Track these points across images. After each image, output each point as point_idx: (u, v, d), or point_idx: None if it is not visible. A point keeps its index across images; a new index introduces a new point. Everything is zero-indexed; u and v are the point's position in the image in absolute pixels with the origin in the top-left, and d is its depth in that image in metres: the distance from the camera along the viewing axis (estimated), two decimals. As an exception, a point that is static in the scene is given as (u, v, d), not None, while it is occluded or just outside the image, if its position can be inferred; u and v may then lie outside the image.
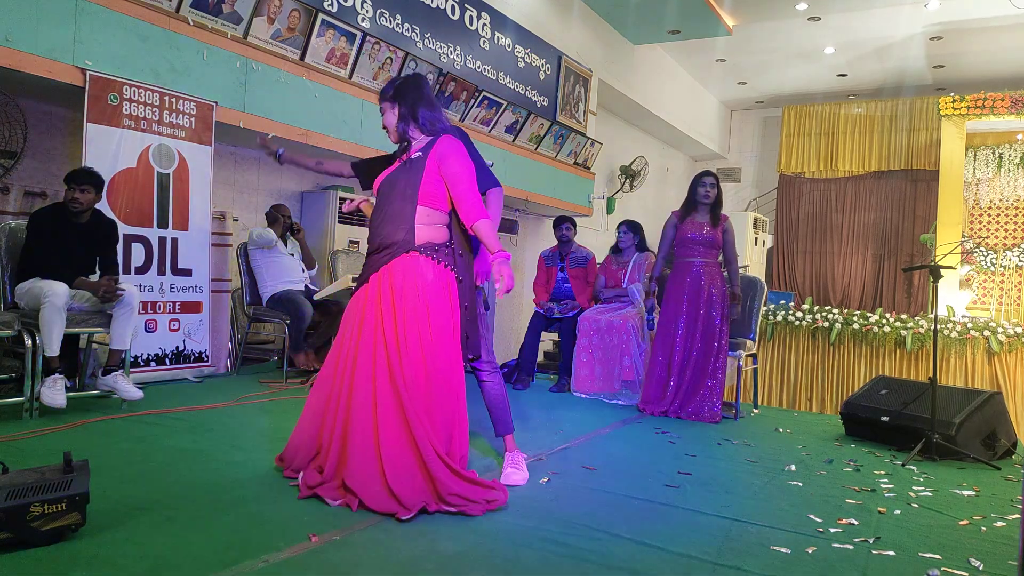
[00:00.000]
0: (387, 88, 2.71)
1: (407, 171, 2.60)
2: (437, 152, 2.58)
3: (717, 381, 4.42)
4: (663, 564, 2.08)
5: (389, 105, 2.68)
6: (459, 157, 2.58)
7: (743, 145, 13.91)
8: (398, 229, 2.55)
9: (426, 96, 2.66)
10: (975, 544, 2.40)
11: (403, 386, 2.43)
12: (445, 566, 1.99)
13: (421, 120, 2.64)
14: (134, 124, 4.25)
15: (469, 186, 2.57)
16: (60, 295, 3.30)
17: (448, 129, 2.69)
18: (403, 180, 2.59)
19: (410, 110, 2.63)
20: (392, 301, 2.50)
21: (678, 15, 8.76)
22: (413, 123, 2.65)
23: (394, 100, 2.67)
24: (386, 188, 2.63)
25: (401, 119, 2.66)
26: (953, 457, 3.61)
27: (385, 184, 2.65)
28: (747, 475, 3.15)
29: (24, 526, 1.89)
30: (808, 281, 12.24)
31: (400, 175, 2.61)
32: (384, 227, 2.59)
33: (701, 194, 4.51)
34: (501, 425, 2.87)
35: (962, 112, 9.65)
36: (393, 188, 2.60)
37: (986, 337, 6.76)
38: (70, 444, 2.84)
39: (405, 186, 2.57)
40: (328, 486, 2.42)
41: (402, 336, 2.47)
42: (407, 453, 2.40)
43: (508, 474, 2.76)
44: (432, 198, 2.57)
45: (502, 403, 2.86)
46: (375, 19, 5.67)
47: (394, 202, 2.58)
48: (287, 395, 4.25)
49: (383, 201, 2.63)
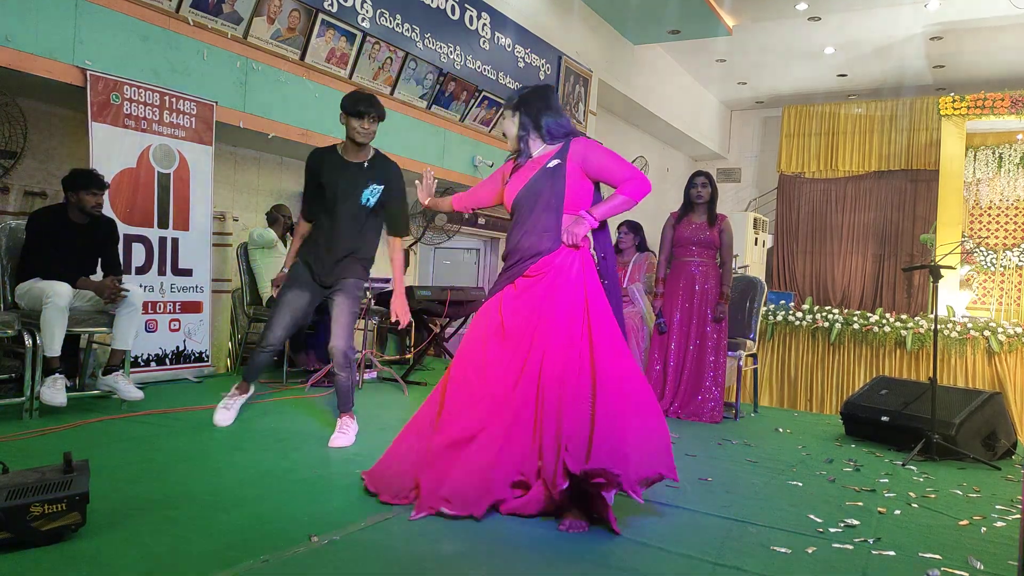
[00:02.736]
0: (511, 96, 2.65)
1: (549, 180, 2.52)
2: (576, 155, 2.53)
3: (717, 381, 4.42)
4: (663, 564, 2.08)
5: (511, 113, 2.62)
6: (599, 150, 2.56)
7: (743, 145, 13.91)
8: (543, 240, 2.50)
9: (552, 106, 2.61)
10: (975, 544, 2.40)
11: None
12: (446, 566, 1.99)
13: (546, 128, 2.57)
14: (134, 124, 4.25)
15: (620, 165, 2.53)
16: (62, 295, 3.30)
17: (576, 132, 2.63)
18: (546, 190, 2.52)
19: (533, 119, 2.57)
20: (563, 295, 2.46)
21: (678, 15, 8.76)
22: (535, 132, 2.59)
23: (516, 109, 2.61)
24: (527, 200, 2.55)
25: (521, 127, 2.60)
26: (953, 457, 3.61)
27: (525, 196, 2.56)
28: (747, 475, 3.15)
29: (24, 526, 1.89)
30: (808, 281, 12.24)
31: (542, 185, 2.53)
32: (526, 239, 2.53)
33: (693, 194, 4.52)
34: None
35: (962, 112, 9.65)
36: (537, 199, 2.52)
37: (986, 337, 6.76)
38: (70, 444, 2.84)
39: (549, 196, 2.51)
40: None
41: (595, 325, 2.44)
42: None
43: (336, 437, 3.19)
44: (576, 206, 2.52)
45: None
46: (375, 19, 5.66)
47: (536, 213, 2.52)
48: (287, 395, 4.25)
49: (523, 214, 2.55)
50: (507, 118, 2.64)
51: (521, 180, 2.59)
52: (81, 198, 3.53)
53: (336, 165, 3.28)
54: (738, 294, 4.88)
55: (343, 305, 3.28)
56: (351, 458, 3.01)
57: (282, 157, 6.03)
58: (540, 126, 2.58)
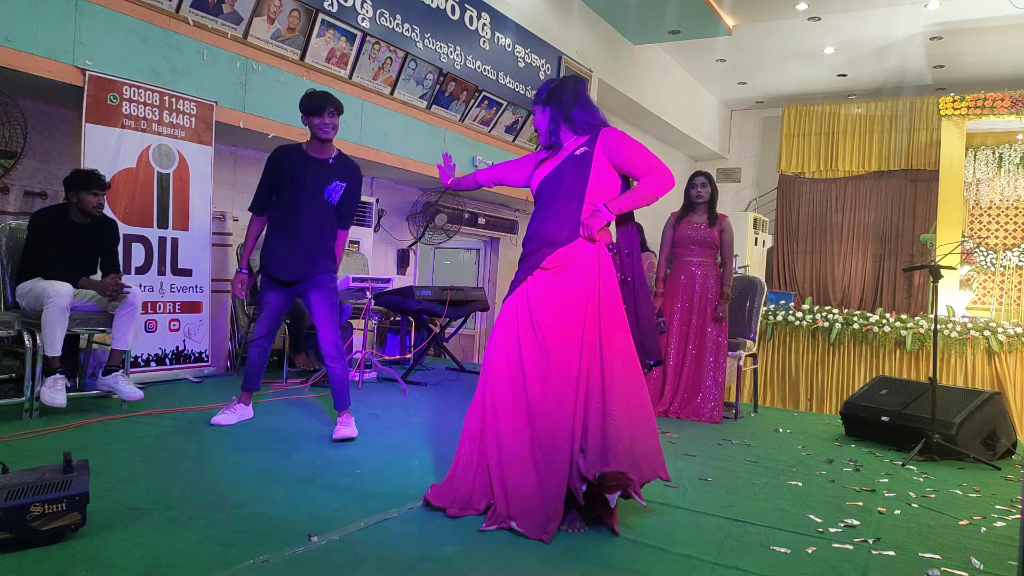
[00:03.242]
0: (541, 90, 2.60)
1: (574, 167, 2.48)
2: (604, 144, 2.49)
3: (717, 381, 4.42)
4: (663, 564, 2.08)
5: (541, 108, 2.58)
6: (628, 141, 2.52)
7: (743, 145, 13.91)
8: (562, 228, 2.44)
9: (582, 97, 2.57)
10: (975, 544, 2.40)
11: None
12: (445, 566, 1.99)
13: (576, 121, 2.54)
14: (134, 124, 4.25)
15: (645, 158, 2.50)
16: (64, 295, 3.30)
17: (606, 124, 2.60)
18: (570, 177, 2.47)
19: (563, 112, 2.54)
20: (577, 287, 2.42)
21: (678, 15, 8.76)
22: (566, 124, 2.55)
23: (547, 103, 2.57)
24: (550, 187, 2.51)
25: (553, 121, 2.56)
26: (953, 457, 3.61)
27: (549, 182, 2.52)
28: (747, 475, 3.15)
29: (24, 526, 1.89)
30: (808, 281, 12.23)
31: (566, 172, 2.49)
32: (546, 226, 2.47)
33: (693, 195, 4.54)
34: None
35: (962, 112, 9.64)
36: (560, 186, 2.48)
37: (986, 337, 6.76)
38: (70, 444, 2.84)
39: (573, 184, 2.46)
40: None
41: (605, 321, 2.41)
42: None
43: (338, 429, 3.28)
44: (600, 194, 2.47)
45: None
46: (375, 19, 5.67)
47: (559, 200, 2.47)
48: (287, 395, 4.25)
49: (546, 201, 2.51)
50: (539, 112, 2.60)
51: (549, 167, 2.57)
52: (82, 198, 3.53)
53: (301, 162, 3.36)
54: (738, 294, 4.88)
55: (321, 302, 3.37)
56: (351, 458, 3.01)
57: (282, 157, 6.02)
58: (571, 119, 2.54)
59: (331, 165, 3.39)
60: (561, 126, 2.55)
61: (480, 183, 2.90)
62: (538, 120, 2.62)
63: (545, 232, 2.46)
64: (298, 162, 3.36)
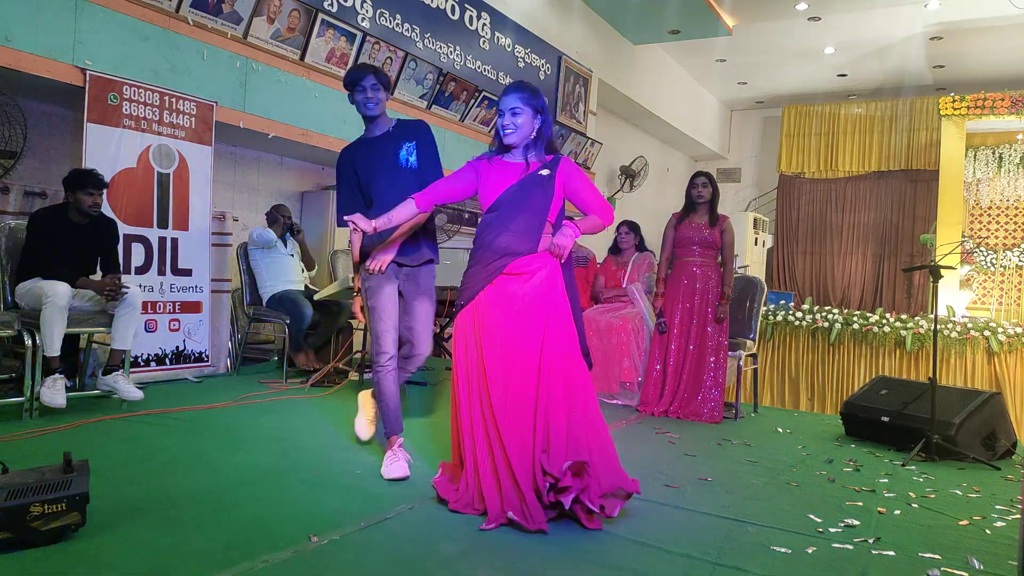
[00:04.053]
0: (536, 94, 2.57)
1: (540, 187, 2.55)
2: (564, 172, 2.58)
3: (717, 381, 4.42)
4: (663, 564, 2.08)
5: (532, 112, 2.54)
6: (582, 175, 2.67)
7: (743, 145, 13.91)
8: (521, 242, 2.52)
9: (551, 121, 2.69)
10: (975, 544, 2.40)
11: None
12: (445, 566, 1.99)
13: (547, 138, 2.61)
14: (134, 124, 4.25)
15: (596, 195, 2.65)
16: (62, 295, 3.30)
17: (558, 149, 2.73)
18: (536, 197, 2.54)
19: (545, 127, 2.58)
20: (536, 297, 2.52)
21: (678, 15, 8.76)
22: (539, 139, 2.58)
23: (539, 112, 2.56)
24: (512, 201, 2.54)
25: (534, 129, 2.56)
26: (953, 457, 3.61)
27: (511, 197, 2.54)
28: (747, 475, 3.15)
29: (24, 526, 1.89)
30: (808, 281, 12.23)
31: (532, 190, 2.54)
32: (504, 239, 2.53)
33: (694, 195, 4.54)
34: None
35: (962, 112, 9.64)
36: (525, 202, 2.53)
37: (986, 337, 6.76)
38: (70, 444, 2.84)
39: (538, 203, 2.54)
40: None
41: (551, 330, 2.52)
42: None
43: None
44: (555, 215, 2.59)
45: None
46: (375, 19, 5.67)
47: (522, 217, 2.53)
48: (287, 395, 4.25)
49: (504, 216, 2.54)
50: (525, 113, 2.53)
51: (506, 180, 2.56)
52: (78, 198, 3.53)
53: (365, 148, 3.04)
54: (738, 294, 4.88)
55: (422, 306, 3.10)
56: (351, 458, 3.01)
57: (282, 157, 6.03)
58: (544, 135, 2.60)
59: (391, 134, 3.02)
60: (537, 138, 2.59)
61: (421, 209, 2.65)
62: (523, 121, 2.53)
63: (504, 244, 2.53)
64: (361, 151, 3.03)
